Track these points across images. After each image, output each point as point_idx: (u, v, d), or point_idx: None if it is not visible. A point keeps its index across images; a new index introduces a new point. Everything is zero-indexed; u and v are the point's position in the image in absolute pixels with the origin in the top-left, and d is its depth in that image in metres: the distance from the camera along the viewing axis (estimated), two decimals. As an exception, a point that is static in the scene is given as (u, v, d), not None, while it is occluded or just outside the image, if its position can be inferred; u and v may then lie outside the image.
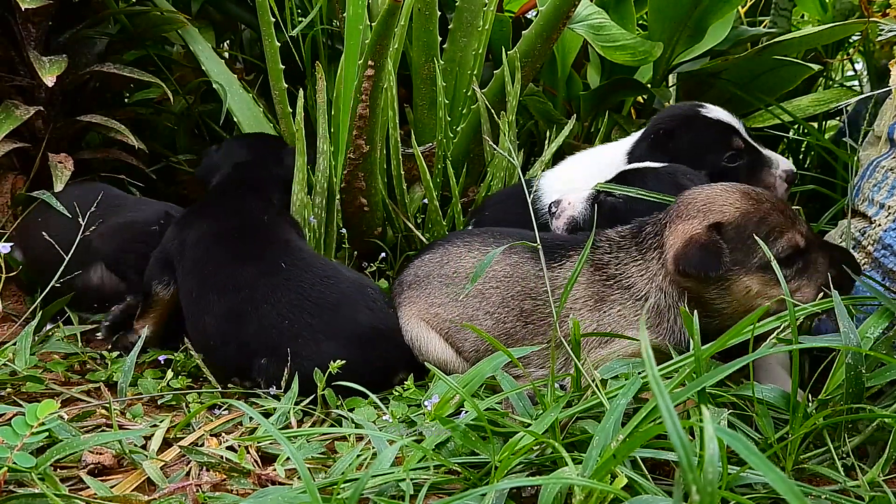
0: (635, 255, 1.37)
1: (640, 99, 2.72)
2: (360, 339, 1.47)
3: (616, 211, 1.51)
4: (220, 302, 1.51)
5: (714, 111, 1.74)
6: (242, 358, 1.47)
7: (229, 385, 1.51)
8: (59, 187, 1.85)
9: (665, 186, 1.50)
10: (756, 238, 1.22)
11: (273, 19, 2.04)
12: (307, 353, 1.43)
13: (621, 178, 1.57)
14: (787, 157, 2.03)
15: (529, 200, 1.53)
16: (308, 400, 1.39)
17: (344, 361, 1.34)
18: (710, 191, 1.33)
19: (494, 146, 2.00)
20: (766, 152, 1.72)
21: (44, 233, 1.74)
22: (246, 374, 1.49)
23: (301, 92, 1.87)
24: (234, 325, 1.48)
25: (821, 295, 1.26)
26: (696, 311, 1.11)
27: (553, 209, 1.62)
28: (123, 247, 1.76)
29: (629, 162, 1.74)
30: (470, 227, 1.90)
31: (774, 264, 1.15)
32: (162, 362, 1.56)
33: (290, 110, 2.07)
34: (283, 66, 2.08)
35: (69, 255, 1.66)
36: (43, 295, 1.64)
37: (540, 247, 1.33)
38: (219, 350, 1.50)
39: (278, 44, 2.07)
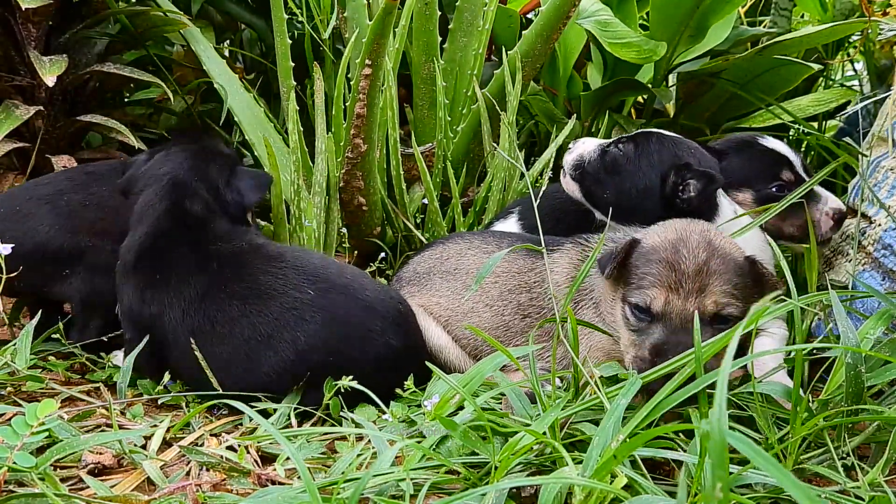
0: None
1: (640, 99, 2.71)
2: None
3: (616, 162, 1.57)
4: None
5: (771, 141, 1.76)
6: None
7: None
8: None
9: (666, 150, 1.55)
10: (636, 269, 1.22)
11: (287, 16, 2.03)
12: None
13: (635, 136, 1.62)
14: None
15: (535, 205, 1.57)
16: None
17: (352, 377, 1.30)
18: (673, 221, 1.32)
19: (496, 146, 1.99)
20: (819, 189, 1.70)
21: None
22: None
23: (291, 93, 1.86)
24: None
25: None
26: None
27: (570, 146, 1.67)
28: None
29: None
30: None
31: (629, 310, 1.21)
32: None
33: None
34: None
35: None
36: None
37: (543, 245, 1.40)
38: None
39: (289, 42, 2.06)
